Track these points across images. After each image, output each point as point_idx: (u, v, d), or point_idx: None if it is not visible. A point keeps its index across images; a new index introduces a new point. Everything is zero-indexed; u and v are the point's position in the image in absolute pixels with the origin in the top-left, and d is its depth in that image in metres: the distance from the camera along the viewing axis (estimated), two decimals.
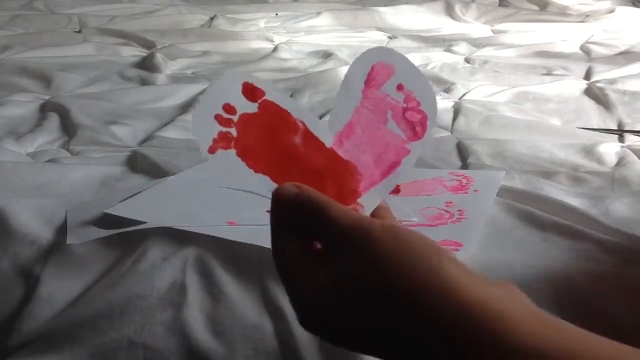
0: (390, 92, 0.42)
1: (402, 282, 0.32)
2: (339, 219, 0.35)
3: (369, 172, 0.42)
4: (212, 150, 0.40)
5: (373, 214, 0.41)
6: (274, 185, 0.39)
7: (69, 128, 0.89)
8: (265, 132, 0.41)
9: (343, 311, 0.34)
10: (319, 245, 0.37)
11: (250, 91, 0.41)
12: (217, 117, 0.40)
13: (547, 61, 1.33)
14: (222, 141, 0.40)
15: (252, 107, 0.41)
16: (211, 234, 0.54)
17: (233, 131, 0.40)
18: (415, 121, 0.42)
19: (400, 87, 0.43)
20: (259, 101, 0.41)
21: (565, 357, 0.29)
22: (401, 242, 0.33)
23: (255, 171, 0.41)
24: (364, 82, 0.42)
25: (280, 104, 0.41)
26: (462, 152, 0.82)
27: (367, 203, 0.41)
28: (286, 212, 0.38)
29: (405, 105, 0.42)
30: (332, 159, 0.41)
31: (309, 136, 0.41)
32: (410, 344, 0.32)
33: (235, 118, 0.40)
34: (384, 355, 0.34)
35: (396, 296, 0.32)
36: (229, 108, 0.40)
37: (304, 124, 0.41)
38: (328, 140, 0.42)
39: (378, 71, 0.43)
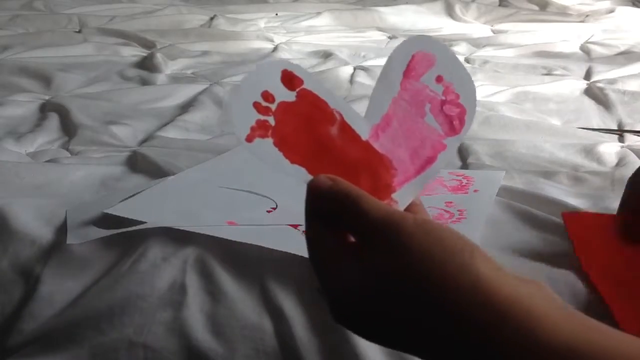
0: (430, 83, 0.41)
1: (433, 278, 0.32)
2: (372, 212, 0.35)
3: (404, 167, 0.41)
4: (249, 139, 0.39)
5: (406, 210, 0.41)
6: (309, 177, 0.39)
7: (69, 128, 0.89)
8: (303, 122, 0.40)
9: (374, 304, 0.34)
10: (352, 238, 0.37)
11: (289, 79, 0.40)
12: (256, 105, 0.39)
13: (547, 61, 1.33)
14: (260, 129, 0.39)
15: (290, 96, 0.40)
16: (211, 234, 0.54)
17: (271, 119, 0.39)
18: (454, 115, 0.42)
19: (439, 79, 0.42)
20: (297, 90, 0.40)
21: (597, 355, 0.29)
22: (433, 238, 0.33)
23: (292, 162, 0.40)
24: (402, 72, 0.42)
25: (318, 94, 0.40)
26: (462, 152, 0.82)
27: (401, 198, 0.41)
28: (320, 204, 0.37)
29: (444, 98, 0.41)
30: (368, 152, 0.41)
31: (345, 128, 0.40)
32: (439, 339, 0.32)
33: (273, 106, 0.39)
34: (413, 350, 0.34)
35: (427, 291, 0.32)
36: (267, 96, 0.39)
37: (341, 114, 0.40)
38: (364, 133, 0.41)
39: (418, 61, 0.42)
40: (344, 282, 0.35)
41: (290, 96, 0.40)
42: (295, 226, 0.57)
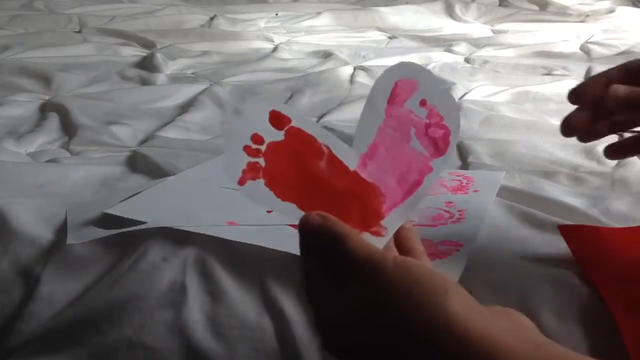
0: (414, 107, 0.43)
1: (409, 318, 0.34)
2: (355, 252, 0.37)
3: (391, 193, 0.42)
4: (241, 182, 0.41)
5: (399, 237, 0.43)
6: (301, 213, 0.40)
7: (69, 128, 0.89)
8: (292, 159, 0.41)
9: (358, 335, 0.36)
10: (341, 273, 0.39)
11: (277, 119, 0.41)
12: (246, 148, 0.41)
13: (547, 61, 1.33)
14: (251, 172, 0.41)
15: (279, 135, 0.41)
16: (211, 234, 0.54)
17: (261, 161, 0.41)
18: (438, 137, 0.43)
19: (423, 102, 0.43)
20: (286, 129, 0.41)
21: None
22: (410, 279, 0.35)
23: (283, 199, 0.41)
24: (387, 99, 0.42)
25: (307, 130, 0.41)
26: (462, 152, 0.82)
27: (390, 224, 0.42)
28: (312, 241, 0.39)
29: (428, 121, 0.43)
30: (356, 182, 0.42)
31: (333, 160, 0.42)
32: None
33: (263, 148, 0.41)
34: None
35: (403, 331, 0.34)
36: (257, 138, 0.41)
37: (329, 148, 0.42)
38: (352, 163, 0.42)
39: (402, 87, 0.43)
40: (333, 313, 0.37)
41: (279, 135, 0.41)
42: (295, 226, 0.56)
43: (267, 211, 0.60)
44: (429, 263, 0.43)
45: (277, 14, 1.82)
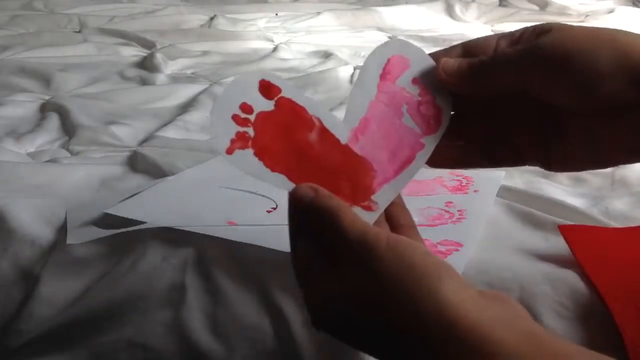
0: (406, 85, 0.42)
1: (400, 301, 0.34)
2: (348, 233, 0.36)
3: (383, 168, 0.42)
4: (229, 151, 0.40)
5: (390, 213, 0.42)
6: (291, 185, 0.40)
7: (69, 128, 0.89)
8: (282, 130, 0.41)
9: (347, 317, 0.36)
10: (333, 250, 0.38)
11: (267, 89, 0.41)
12: (235, 117, 0.40)
13: None
14: (240, 141, 0.40)
15: (268, 105, 0.40)
16: (211, 234, 0.54)
17: (250, 130, 0.40)
18: (430, 115, 0.42)
19: (415, 81, 0.42)
20: (276, 99, 0.41)
21: None
22: (403, 263, 0.35)
23: (273, 170, 0.40)
24: (379, 75, 0.42)
25: (297, 101, 0.41)
26: None
27: (380, 200, 0.41)
28: (302, 219, 0.38)
29: (420, 99, 0.42)
30: (347, 156, 0.41)
31: (324, 133, 0.41)
32: (406, 353, 0.34)
33: (252, 117, 0.40)
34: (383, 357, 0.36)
35: (393, 314, 0.34)
36: (246, 107, 0.40)
37: (319, 120, 0.41)
38: (344, 136, 0.41)
39: (394, 64, 0.42)
40: (321, 292, 0.37)
41: (268, 105, 0.41)
42: None
43: (267, 211, 0.60)
44: (420, 239, 0.43)
45: (277, 14, 1.82)
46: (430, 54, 0.45)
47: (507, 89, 0.43)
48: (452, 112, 0.43)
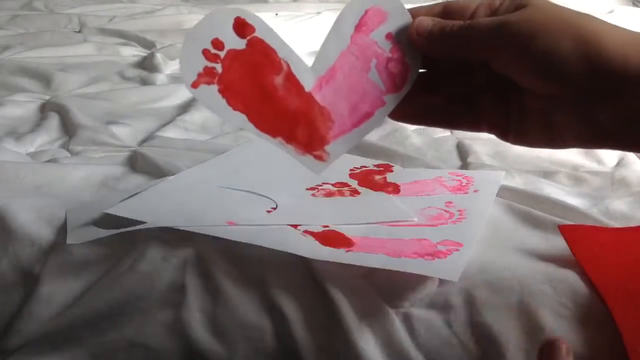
0: (379, 39, 0.42)
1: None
2: None
3: (341, 120, 0.42)
4: (195, 85, 0.40)
5: None
6: (249, 124, 0.40)
7: (69, 128, 0.89)
8: (249, 70, 0.41)
9: None
10: None
11: (241, 26, 0.41)
12: (205, 52, 0.40)
13: None
14: (207, 76, 0.40)
15: (240, 44, 0.41)
16: (211, 234, 0.54)
17: (218, 67, 0.40)
18: (397, 73, 0.42)
19: (389, 36, 0.42)
20: (248, 38, 0.41)
21: None
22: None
23: (234, 109, 0.41)
24: (354, 26, 0.42)
25: (269, 42, 0.41)
26: (462, 152, 0.82)
27: (333, 151, 0.42)
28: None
29: (390, 55, 0.42)
30: (308, 104, 0.42)
31: (290, 78, 0.41)
32: None
33: (222, 54, 0.40)
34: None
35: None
36: (217, 43, 0.40)
37: (288, 64, 0.41)
38: (309, 84, 0.42)
39: (371, 16, 0.42)
40: None
41: (240, 44, 0.41)
42: (295, 226, 0.57)
43: (267, 211, 0.60)
44: None
45: (277, 14, 1.82)
46: (410, 10, 0.45)
47: (474, 58, 0.43)
48: (419, 71, 0.43)
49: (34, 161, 0.79)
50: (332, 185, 0.66)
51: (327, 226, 0.57)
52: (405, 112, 0.45)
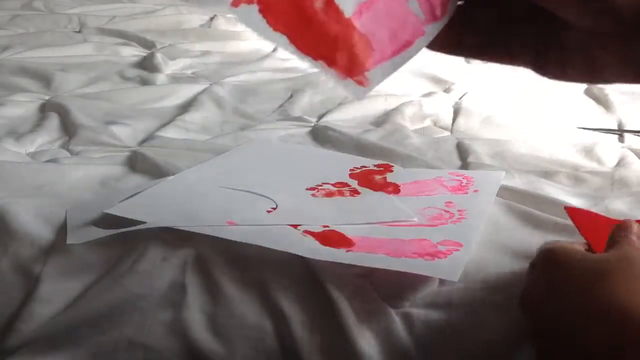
0: None
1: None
2: None
3: (381, 48, 0.42)
4: (235, 4, 0.40)
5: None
6: (291, 46, 0.40)
7: (69, 128, 0.89)
8: None
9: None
10: None
11: None
12: None
13: None
14: None
15: None
16: (211, 234, 0.54)
17: None
18: (437, 3, 0.42)
19: None
20: None
21: None
22: None
23: (274, 29, 0.40)
24: None
25: None
26: (462, 152, 0.82)
27: (373, 77, 0.41)
28: None
29: None
30: (348, 29, 0.41)
31: (330, 3, 0.41)
32: None
33: None
34: None
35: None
36: None
37: None
38: (349, 9, 0.41)
39: None
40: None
41: None
42: (295, 226, 0.57)
43: (267, 211, 0.60)
44: None
45: None
46: None
47: None
48: (459, 2, 0.43)
49: (34, 161, 0.79)
50: (332, 185, 0.66)
51: (327, 226, 0.57)
52: (443, 42, 0.45)
